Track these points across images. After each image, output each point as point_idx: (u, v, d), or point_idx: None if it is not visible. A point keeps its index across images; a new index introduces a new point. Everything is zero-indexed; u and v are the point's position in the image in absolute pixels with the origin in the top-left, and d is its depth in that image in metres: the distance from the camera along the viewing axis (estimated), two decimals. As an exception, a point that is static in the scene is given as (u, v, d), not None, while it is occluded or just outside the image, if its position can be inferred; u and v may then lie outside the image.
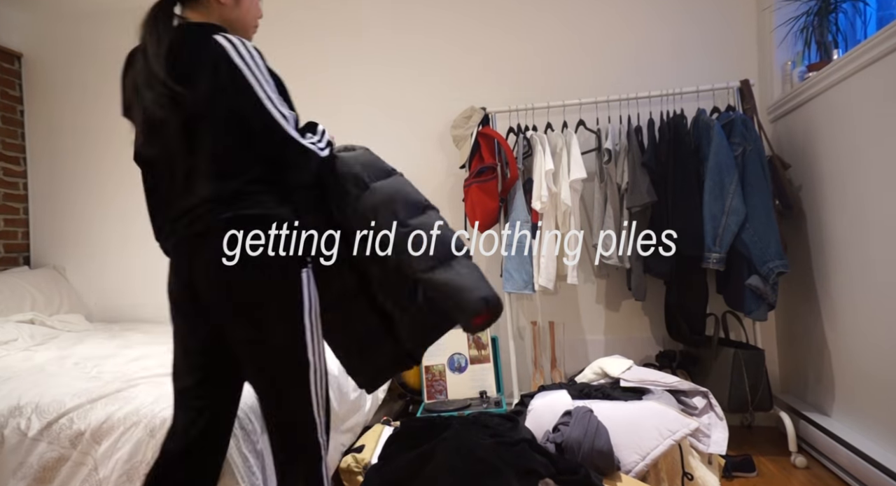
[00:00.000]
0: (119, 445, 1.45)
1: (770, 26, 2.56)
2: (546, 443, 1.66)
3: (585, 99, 2.60)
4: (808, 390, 2.40)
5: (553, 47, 2.89)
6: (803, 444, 2.27)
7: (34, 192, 3.30)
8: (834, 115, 2.11)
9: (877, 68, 1.83)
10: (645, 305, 2.77)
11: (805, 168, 2.36)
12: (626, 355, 2.71)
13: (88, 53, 3.27)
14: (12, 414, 1.55)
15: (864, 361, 1.97)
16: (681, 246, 2.35)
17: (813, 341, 2.34)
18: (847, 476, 1.98)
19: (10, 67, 3.24)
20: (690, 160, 2.38)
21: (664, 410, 1.66)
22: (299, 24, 3.11)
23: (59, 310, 2.94)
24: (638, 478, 1.52)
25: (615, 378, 2.05)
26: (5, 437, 1.52)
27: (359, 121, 3.06)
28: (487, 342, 2.65)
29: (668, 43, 2.78)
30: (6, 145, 3.19)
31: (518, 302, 2.93)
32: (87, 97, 3.27)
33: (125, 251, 3.20)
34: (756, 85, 2.56)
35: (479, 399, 2.53)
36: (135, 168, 3.23)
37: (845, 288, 2.08)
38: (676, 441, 1.55)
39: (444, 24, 2.99)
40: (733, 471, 2.09)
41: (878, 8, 2.29)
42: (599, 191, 2.59)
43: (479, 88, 2.93)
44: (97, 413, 1.51)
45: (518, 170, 2.58)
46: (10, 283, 2.85)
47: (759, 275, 2.23)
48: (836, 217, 2.13)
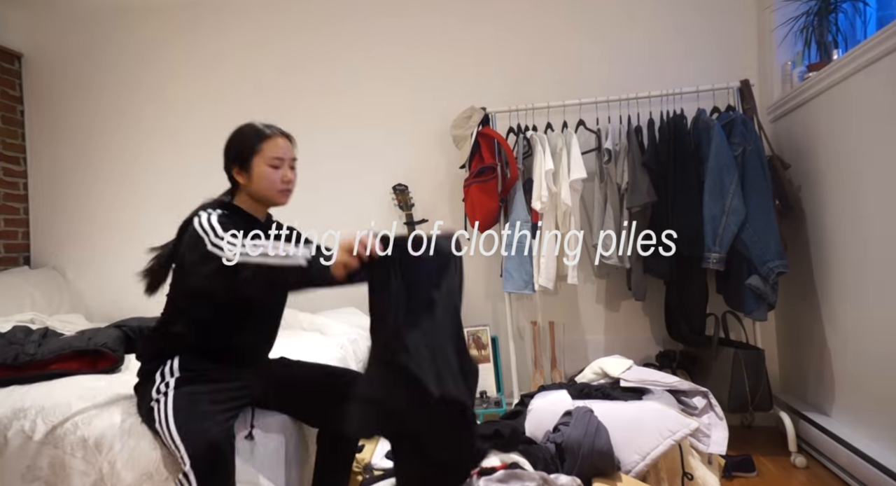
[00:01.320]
0: (123, 454, 1.40)
1: (770, 26, 2.56)
2: (546, 443, 1.66)
3: (585, 99, 2.60)
4: (808, 390, 2.40)
5: (553, 47, 2.89)
6: (803, 444, 2.27)
7: (34, 192, 3.30)
8: (834, 115, 2.11)
9: (877, 68, 1.83)
10: (645, 305, 2.77)
11: (805, 168, 2.36)
12: (626, 355, 2.70)
13: (88, 53, 3.27)
14: (17, 416, 1.50)
15: (864, 361, 1.97)
16: (681, 246, 2.34)
17: (813, 341, 2.34)
18: (847, 476, 1.98)
19: (10, 67, 3.24)
20: (690, 160, 2.38)
21: (664, 410, 1.66)
22: (300, 24, 3.11)
23: (59, 310, 2.94)
24: (638, 478, 1.52)
25: (615, 378, 2.05)
26: (8, 439, 1.47)
27: (359, 121, 3.06)
28: (487, 342, 2.65)
29: (668, 43, 2.78)
30: (6, 145, 3.19)
31: (518, 302, 2.93)
32: (88, 97, 3.27)
33: (125, 251, 3.20)
34: (756, 85, 2.56)
35: (479, 399, 2.53)
36: (135, 168, 3.25)
37: (845, 288, 2.07)
38: (676, 441, 1.55)
39: (444, 23, 2.99)
40: (733, 471, 2.09)
41: (878, 8, 2.29)
42: (599, 191, 2.59)
43: (479, 88, 2.93)
44: (102, 420, 1.46)
45: (518, 170, 2.58)
46: (10, 283, 2.85)
47: (759, 275, 2.23)
48: (836, 217, 2.13)
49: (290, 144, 1.61)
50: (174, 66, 3.21)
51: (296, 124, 3.08)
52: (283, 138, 1.59)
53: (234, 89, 3.15)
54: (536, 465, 1.55)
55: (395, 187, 2.90)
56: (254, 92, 3.13)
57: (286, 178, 1.57)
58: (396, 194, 2.89)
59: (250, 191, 1.56)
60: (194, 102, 3.18)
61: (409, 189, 2.90)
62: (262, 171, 1.53)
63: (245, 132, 1.58)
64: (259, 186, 1.54)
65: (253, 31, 3.14)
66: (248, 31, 3.15)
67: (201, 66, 3.18)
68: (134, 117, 3.23)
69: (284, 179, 1.57)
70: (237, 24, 3.16)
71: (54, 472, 1.43)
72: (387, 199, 3.00)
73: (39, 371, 1.78)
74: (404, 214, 2.87)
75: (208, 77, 3.18)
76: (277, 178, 1.55)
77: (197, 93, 3.18)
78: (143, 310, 3.16)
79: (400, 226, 2.96)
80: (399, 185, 2.90)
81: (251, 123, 1.60)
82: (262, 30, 3.14)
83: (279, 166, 1.55)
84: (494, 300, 2.97)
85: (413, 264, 1.28)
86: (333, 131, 3.08)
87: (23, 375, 1.75)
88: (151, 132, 3.22)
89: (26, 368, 1.78)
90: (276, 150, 1.55)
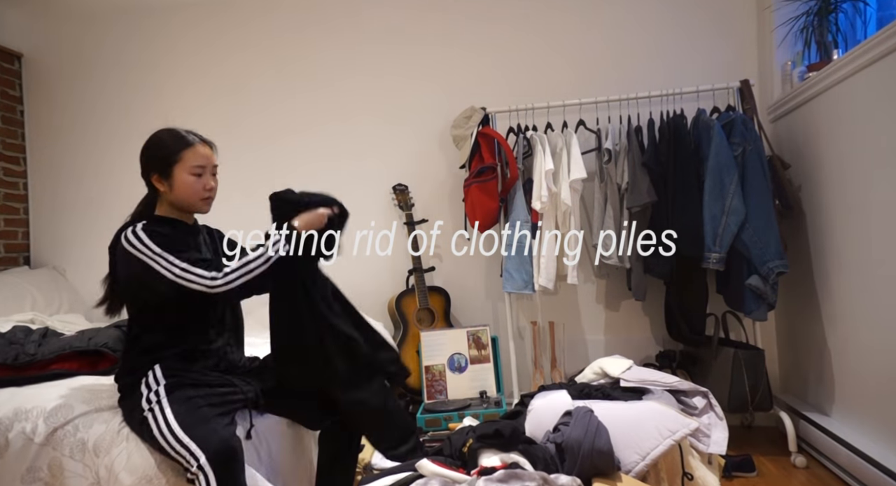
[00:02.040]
0: (121, 458, 1.39)
1: (770, 26, 2.56)
2: (546, 443, 1.66)
3: (585, 99, 2.60)
4: (808, 390, 2.40)
5: (553, 47, 2.89)
6: (803, 444, 2.27)
7: (34, 192, 3.30)
8: (834, 115, 2.11)
9: (877, 68, 1.83)
10: (645, 305, 2.77)
11: (805, 168, 2.36)
12: (626, 355, 2.70)
13: (88, 53, 3.27)
14: (18, 418, 1.48)
15: (864, 361, 1.97)
16: (681, 246, 2.34)
17: (813, 341, 2.34)
18: (847, 476, 1.98)
19: (10, 67, 3.24)
20: (690, 160, 2.38)
21: (664, 410, 1.66)
22: (299, 24, 3.11)
23: (59, 310, 2.93)
24: (638, 478, 1.52)
25: (615, 378, 2.05)
26: (9, 441, 1.45)
27: (359, 121, 3.06)
28: (487, 342, 2.65)
29: (668, 43, 2.78)
30: (6, 145, 3.19)
31: (518, 302, 2.93)
32: (88, 97, 3.27)
33: (125, 251, 3.20)
34: (756, 85, 2.56)
35: (479, 399, 2.53)
36: (135, 168, 3.23)
37: (845, 288, 2.08)
38: (676, 441, 1.55)
39: (444, 23, 2.99)
40: (733, 471, 2.09)
41: (878, 8, 2.29)
42: (599, 191, 2.59)
43: (479, 87, 2.93)
44: (101, 424, 1.44)
45: (518, 170, 2.58)
46: (10, 283, 2.84)
47: (759, 275, 2.23)
48: (836, 217, 2.13)
49: (211, 152, 1.57)
50: (174, 66, 3.21)
51: (296, 124, 3.12)
52: (205, 146, 1.56)
53: (234, 89, 3.15)
54: (536, 465, 1.55)
55: (395, 187, 2.90)
56: (253, 92, 3.14)
57: (208, 185, 1.55)
58: (396, 194, 2.89)
59: (171, 199, 1.54)
60: (194, 102, 3.18)
61: (409, 189, 2.90)
62: (184, 179, 1.51)
63: (165, 140, 1.54)
64: (180, 194, 1.52)
65: (252, 31, 3.14)
66: (247, 31, 3.15)
67: (201, 66, 3.18)
68: (134, 117, 3.23)
69: (206, 186, 1.54)
70: (237, 24, 3.16)
71: (52, 474, 1.41)
72: (387, 199, 3.00)
73: (40, 372, 1.78)
74: (404, 214, 2.87)
75: (208, 77, 3.18)
76: (200, 186, 1.53)
77: (197, 92, 3.18)
78: (143, 310, 3.17)
79: (400, 226, 2.96)
80: (399, 185, 2.90)
81: (171, 128, 1.57)
82: (261, 29, 3.14)
83: (201, 174, 1.53)
84: (494, 300, 2.97)
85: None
86: (333, 131, 3.08)
87: (23, 375, 1.75)
88: (151, 132, 3.21)
89: (27, 368, 1.78)
90: (197, 158, 1.52)
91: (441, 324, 2.80)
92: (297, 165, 3.10)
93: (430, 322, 2.80)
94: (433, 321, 2.80)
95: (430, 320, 2.81)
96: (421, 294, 2.79)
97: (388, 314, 2.89)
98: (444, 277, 2.99)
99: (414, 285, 2.81)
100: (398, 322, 2.80)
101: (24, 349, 1.83)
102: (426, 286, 2.81)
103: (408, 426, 1.68)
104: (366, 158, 3.06)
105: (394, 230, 3.01)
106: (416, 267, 2.81)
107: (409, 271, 2.84)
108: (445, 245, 3.00)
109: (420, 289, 2.79)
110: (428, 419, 2.36)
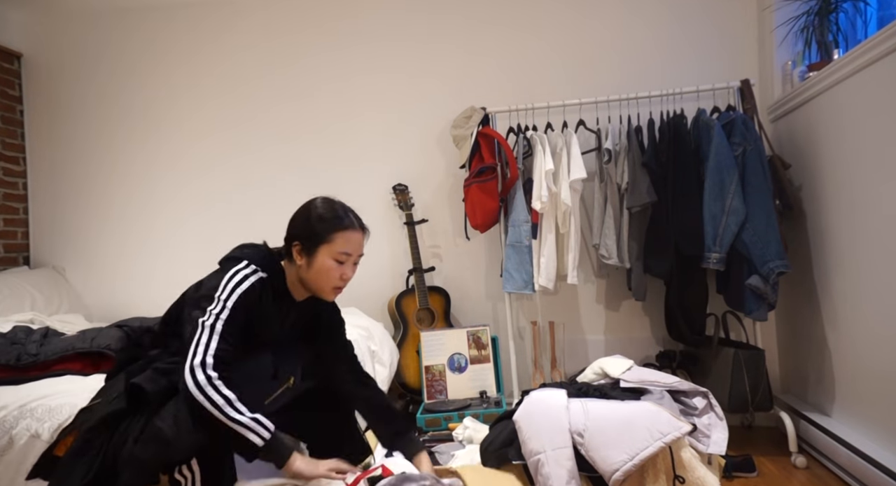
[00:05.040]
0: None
1: (770, 26, 2.56)
2: None
3: (585, 99, 2.60)
4: (808, 390, 2.40)
5: (553, 47, 2.89)
6: (803, 444, 2.27)
7: (34, 192, 3.30)
8: (834, 115, 2.11)
9: (877, 68, 1.83)
10: (645, 305, 2.77)
11: (805, 168, 2.36)
12: (626, 355, 2.70)
13: (88, 53, 3.26)
14: (23, 415, 1.50)
15: (865, 360, 1.97)
16: (681, 246, 2.34)
17: (813, 341, 2.34)
18: (847, 476, 1.98)
19: (10, 67, 3.24)
20: (690, 160, 2.38)
21: (658, 411, 1.66)
22: (299, 23, 3.11)
23: (59, 310, 2.94)
24: (625, 477, 1.51)
25: (615, 378, 2.04)
26: (13, 438, 1.47)
27: (359, 121, 3.06)
28: (487, 342, 2.65)
29: (668, 43, 2.78)
30: (6, 145, 3.19)
31: (518, 302, 2.93)
32: (88, 97, 3.27)
33: (125, 251, 3.20)
34: (756, 85, 2.56)
35: (479, 399, 2.53)
36: (135, 168, 3.25)
37: (845, 288, 2.07)
38: (666, 444, 1.54)
39: (444, 24, 2.99)
40: (733, 471, 2.09)
41: (879, 8, 2.29)
42: (599, 191, 2.59)
43: (479, 87, 2.93)
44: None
45: (518, 170, 2.58)
46: (10, 283, 2.84)
47: (760, 275, 2.23)
48: (836, 217, 2.12)
49: (363, 239, 1.46)
50: (174, 65, 3.21)
51: (296, 124, 3.12)
52: (359, 232, 1.45)
53: (235, 89, 3.15)
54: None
55: (395, 187, 2.90)
56: (254, 91, 3.13)
57: (345, 276, 1.44)
58: (396, 194, 2.89)
59: (302, 275, 1.43)
60: (194, 102, 3.18)
61: (409, 189, 2.90)
62: (324, 263, 1.40)
63: (322, 215, 1.42)
64: (313, 276, 1.42)
65: (252, 30, 3.14)
66: (247, 30, 3.15)
67: (201, 66, 3.18)
68: (134, 117, 3.23)
69: (343, 276, 1.44)
70: (237, 23, 3.16)
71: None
72: (387, 199, 3.00)
73: (42, 372, 1.78)
74: (404, 214, 2.87)
75: (208, 76, 3.17)
76: (337, 275, 1.42)
77: (197, 92, 3.18)
78: (142, 310, 3.17)
79: (400, 226, 2.96)
80: (399, 185, 2.90)
81: (332, 201, 1.46)
82: (262, 29, 3.14)
83: (344, 262, 1.42)
84: (494, 300, 2.97)
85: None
86: (333, 131, 3.08)
87: (26, 376, 1.76)
88: (151, 132, 3.22)
89: (30, 369, 1.78)
90: (347, 244, 1.41)
91: (441, 324, 2.80)
92: (297, 165, 3.10)
93: (430, 322, 2.81)
94: (433, 321, 2.81)
95: (430, 320, 2.81)
96: (421, 294, 2.79)
97: (388, 314, 2.89)
98: (444, 277, 2.99)
99: (414, 285, 2.81)
100: (398, 322, 2.81)
101: (26, 350, 1.83)
102: (426, 286, 2.81)
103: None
104: (366, 158, 3.05)
105: (394, 230, 3.01)
106: (416, 267, 2.81)
107: (409, 270, 2.84)
108: (446, 245, 3.00)
109: (420, 289, 2.79)
110: (428, 419, 2.36)
